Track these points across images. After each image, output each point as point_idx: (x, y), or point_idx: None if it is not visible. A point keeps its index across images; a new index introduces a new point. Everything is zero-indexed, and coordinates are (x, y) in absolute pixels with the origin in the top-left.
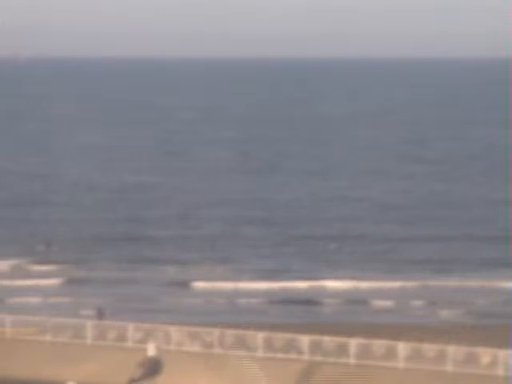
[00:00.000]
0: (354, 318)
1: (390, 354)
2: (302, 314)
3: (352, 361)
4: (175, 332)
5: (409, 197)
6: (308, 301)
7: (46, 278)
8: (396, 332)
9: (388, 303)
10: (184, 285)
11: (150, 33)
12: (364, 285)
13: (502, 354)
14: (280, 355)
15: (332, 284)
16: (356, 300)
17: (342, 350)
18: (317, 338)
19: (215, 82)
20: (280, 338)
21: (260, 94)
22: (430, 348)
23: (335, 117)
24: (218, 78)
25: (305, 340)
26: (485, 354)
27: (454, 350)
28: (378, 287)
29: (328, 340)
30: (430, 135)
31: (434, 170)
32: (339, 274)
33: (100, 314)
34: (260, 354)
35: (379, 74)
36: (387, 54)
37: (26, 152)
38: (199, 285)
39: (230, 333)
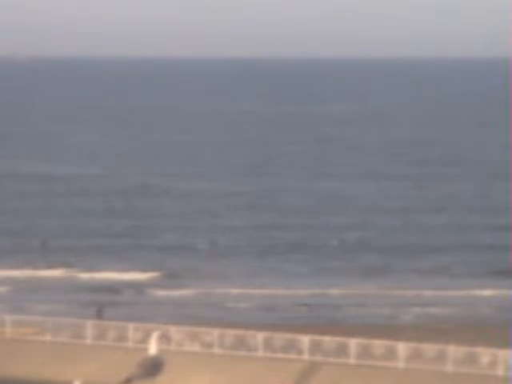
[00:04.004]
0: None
1: (390, 353)
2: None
3: (352, 361)
4: (175, 332)
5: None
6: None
7: None
8: (396, 332)
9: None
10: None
11: (152, 33)
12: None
13: (502, 354)
14: (280, 355)
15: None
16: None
17: (342, 350)
18: (317, 338)
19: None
20: (280, 338)
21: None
22: (430, 348)
23: (338, 116)
24: (220, 78)
25: (305, 340)
26: (485, 354)
27: (453, 350)
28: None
29: (328, 340)
30: (434, 136)
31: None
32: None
33: (99, 313)
34: (260, 353)
35: (379, 74)
36: (387, 54)
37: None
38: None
39: (230, 333)
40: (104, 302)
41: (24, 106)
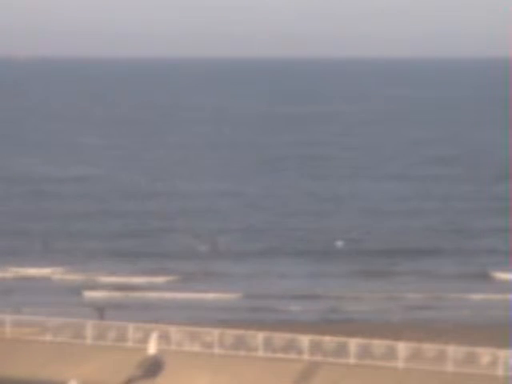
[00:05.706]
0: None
1: (390, 353)
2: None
3: (352, 361)
4: (175, 332)
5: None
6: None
7: None
8: (396, 332)
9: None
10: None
11: (150, 33)
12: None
13: (502, 354)
14: (280, 355)
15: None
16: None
17: (342, 350)
18: (317, 337)
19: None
20: (280, 337)
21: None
22: (430, 348)
23: (338, 116)
24: (219, 78)
25: (305, 340)
26: (485, 354)
27: (453, 350)
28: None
29: (328, 340)
30: (434, 136)
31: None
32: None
33: (101, 313)
34: (260, 353)
35: (379, 74)
36: (387, 54)
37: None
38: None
39: (230, 333)
40: (105, 304)
41: (23, 106)
